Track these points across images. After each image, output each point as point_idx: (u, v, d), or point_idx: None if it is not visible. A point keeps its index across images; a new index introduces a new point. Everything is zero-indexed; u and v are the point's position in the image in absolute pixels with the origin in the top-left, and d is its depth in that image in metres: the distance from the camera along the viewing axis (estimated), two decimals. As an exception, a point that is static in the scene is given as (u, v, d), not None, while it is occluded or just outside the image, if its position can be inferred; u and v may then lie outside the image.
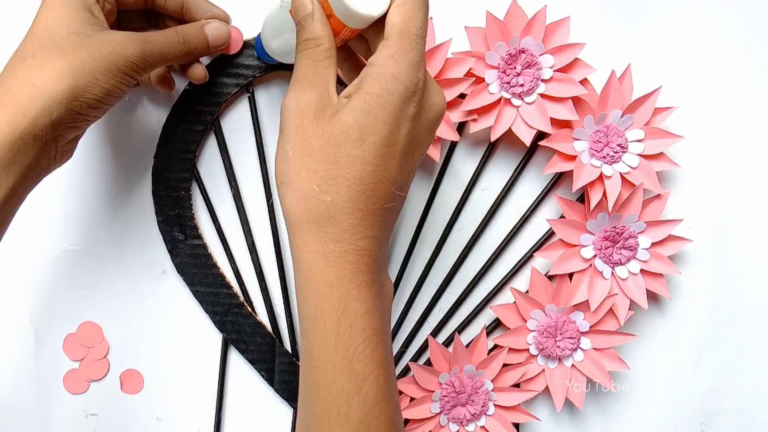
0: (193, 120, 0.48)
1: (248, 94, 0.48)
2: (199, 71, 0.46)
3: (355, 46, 0.40)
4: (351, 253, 0.34)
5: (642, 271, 0.49)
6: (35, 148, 0.37)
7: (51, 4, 0.39)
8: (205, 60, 0.47)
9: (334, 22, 0.35)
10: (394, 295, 0.50)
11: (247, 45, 0.47)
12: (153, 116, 0.48)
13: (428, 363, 0.50)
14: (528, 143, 0.47)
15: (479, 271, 0.51)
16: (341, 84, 0.43)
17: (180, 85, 0.48)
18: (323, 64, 0.35)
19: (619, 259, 0.48)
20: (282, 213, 0.35)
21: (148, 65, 0.40)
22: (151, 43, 0.40)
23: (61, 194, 0.49)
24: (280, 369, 0.50)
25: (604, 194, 0.48)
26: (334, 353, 0.34)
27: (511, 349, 0.49)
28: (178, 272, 0.49)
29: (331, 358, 0.34)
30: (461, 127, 0.49)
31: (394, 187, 0.35)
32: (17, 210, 0.39)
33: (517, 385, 0.50)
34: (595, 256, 0.49)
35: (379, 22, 0.36)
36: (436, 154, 0.47)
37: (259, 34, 0.44)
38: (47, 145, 0.38)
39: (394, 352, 0.51)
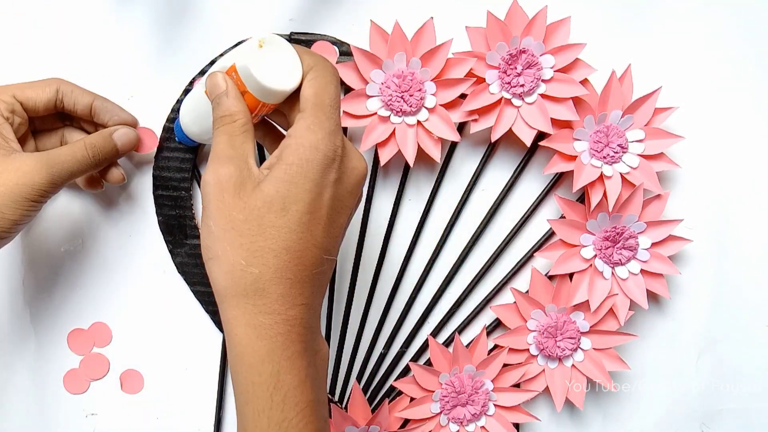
0: (194, 120, 0.48)
1: (249, 94, 0.48)
2: (116, 175, 0.46)
3: (274, 120, 0.41)
4: (281, 324, 0.34)
5: (642, 271, 0.49)
6: None
7: None
8: (203, 63, 0.47)
9: (249, 99, 0.36)
10: (394, 295, 0.51)
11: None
12: (154, 116, 0.48)
13: (428, 363, 0.50)
14: (528, 143, 0.47)
15: (479, 271, 0.51)
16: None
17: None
18: (240, 138, 0.35)
19: (620, 259, 0.48)
20: (212, 288, 0.35)
21: (57, 187, 0.41)
22: (59, 165, 0.40)
23: (62, 194, 0.49)
24: (281, 369, 0.49)
25: (605, 194, 0.48)
26: (267, 429, 0.34)
27: (511, 350, 0.49)
28: (179, 272, 0.49)
29: None
30: (462, 128, 0.49)
31: (321, 252, 0.35)
32: None
33: (517, 386, 0.50)
34: (595, 256, 0.49)
35: (295, 97, 0.37)
36: (436, 154, 0.47)
37: (178, 119, 0.43)
38: None
39: (395, 353, 0.51)
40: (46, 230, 0.49)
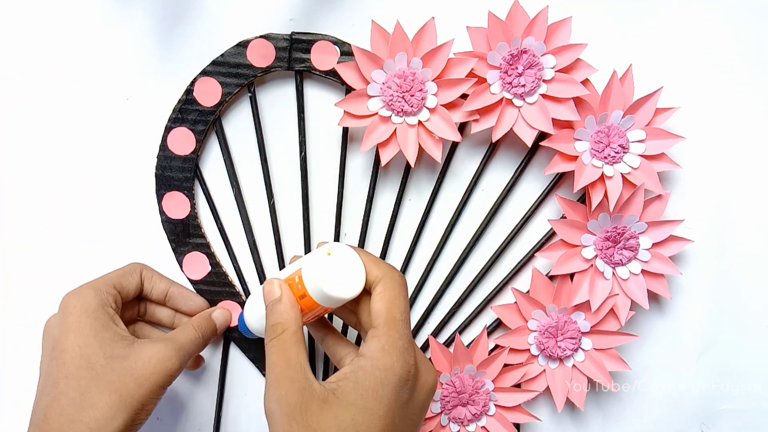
0: (195, 120, 0.48)
1: (249, 94, 0.48)
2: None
3: (338, 315, 0.41)
4: None
5: (643, 271, 0.49)
6: None
7: (77, 327, 0.38)
8: (203, 64, 0.48)
9: (308, 301, 0.37)
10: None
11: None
12: (156, 115, 0.48)
13: (429, 363, 0.50)
14: (529, 144, 0.47)
15: (480, 271, 0.51)
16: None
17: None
18: (294, 351, 0.35)
19: (620, 260, 0.48)
20: None
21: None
22: (183, 348, 0.41)
23: (64, 194, 0.49)
24: (281, 369, 0.49)
25: (606, 194, 0.48)
26: None
27: (512, 350, 0.49)
28: (182, 270, 0.49)
29: None
30: (463, 128, 0.49)
31: None
32: None
33: (518, 386, 0.50)
34: (596, 256, 0.49)
35: (364, 295, 0.38)
36: (437, 154, 0.47)
37: (242, 313, 0.44)
38: None
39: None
40: (47, 229, 0.49)
